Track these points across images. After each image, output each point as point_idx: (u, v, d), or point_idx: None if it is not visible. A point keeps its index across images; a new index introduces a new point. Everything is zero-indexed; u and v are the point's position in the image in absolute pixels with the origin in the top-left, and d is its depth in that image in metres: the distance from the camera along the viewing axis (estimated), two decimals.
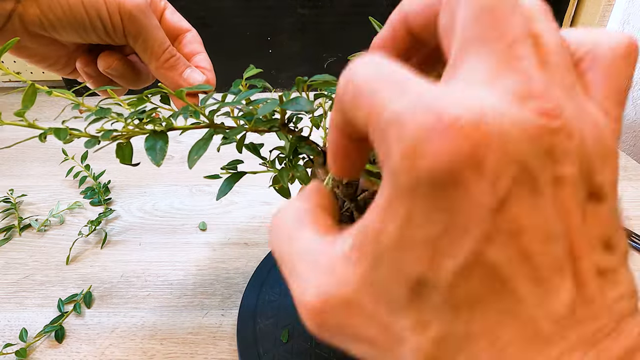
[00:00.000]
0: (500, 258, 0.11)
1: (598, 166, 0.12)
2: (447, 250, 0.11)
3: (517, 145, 0.11)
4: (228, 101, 0.24)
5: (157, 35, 0.32)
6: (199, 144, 0.23)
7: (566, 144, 0.11)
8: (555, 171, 0.11)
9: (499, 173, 0.11)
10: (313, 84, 0.23)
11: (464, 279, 0.11)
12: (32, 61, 0.33)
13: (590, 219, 0.12)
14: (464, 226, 0.11)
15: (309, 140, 0.26)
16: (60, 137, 0.22)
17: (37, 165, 0.66)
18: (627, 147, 0.91)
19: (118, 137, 0.24)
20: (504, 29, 0.12)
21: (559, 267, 0.11)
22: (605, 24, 0.80)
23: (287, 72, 0.91)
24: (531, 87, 0.11)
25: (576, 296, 0.11)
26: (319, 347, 0.36)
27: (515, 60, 0.12)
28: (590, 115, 0.13)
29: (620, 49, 0.14)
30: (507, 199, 0.11)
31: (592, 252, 0.12)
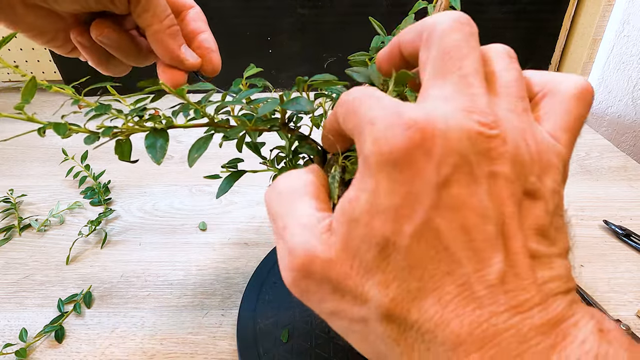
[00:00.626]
0: (442, 226, 0.14)
1: (535, 172, 0.15)
2: (406, 215, 0.14)
3: (459, 142, 0.14)
4: (228, 100, 0.24)
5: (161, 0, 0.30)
6: (199, 142, 0.23)
7: (500, 149, 0.15)
8: (491, 167, 0.14)
9: (442, 159, 0.14)
10: (313, 83, 0.23)
11: (418, 241, 0.14)
12: (29, 35, 0.31)
13: (525, 211, 0.15)
14: (417, 197, 0.14)
15: (309, 140, 0.26)
16: (60, 132, 0.22)
17: (37, 165, 0.66)
18: (627, 147, 0.91)
19: (118, 134, 0.24)
20: (459, 66, 0.16)
21: (491, 242, 0.14)
22: (605, 24, 0.80)
23: (287, 72, 0.91)
24: (476, 105, 0.15)
25: (507, 269, 0.14)
26: (319, 347, 0.36)
27: (467, 88, 0.15)
28: (534, 134, 0.16)
29: (574, 91, 0.18)
30: (449, 179, 0.14)
31: (525, 237, 0.15)
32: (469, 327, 0.14)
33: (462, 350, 0.14)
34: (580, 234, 0.51)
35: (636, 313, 0.41)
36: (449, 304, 0.14)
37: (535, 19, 0.84)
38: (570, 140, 0.17)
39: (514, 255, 0.14)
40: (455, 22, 0.17)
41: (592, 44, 0.83)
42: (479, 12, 0.83)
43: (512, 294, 0.14)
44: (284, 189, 0.19)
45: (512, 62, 0.18)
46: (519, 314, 0.14)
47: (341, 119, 0.18)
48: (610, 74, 0.83)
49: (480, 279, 0.14)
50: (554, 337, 0.14)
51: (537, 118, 0.18)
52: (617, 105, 0.86)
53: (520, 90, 0.17)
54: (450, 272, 0.14)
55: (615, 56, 0.81)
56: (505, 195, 0.14)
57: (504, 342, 0.13)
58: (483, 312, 0.14)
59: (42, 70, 0.91)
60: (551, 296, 0.14)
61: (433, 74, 0.16)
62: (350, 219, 0.16)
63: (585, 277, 0.45)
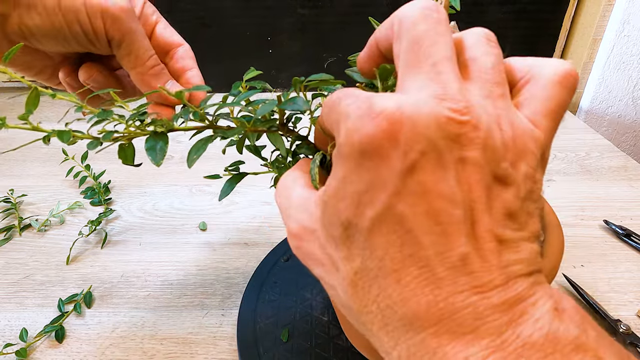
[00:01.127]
0: (406, 211, 0.15)
1: (508, 158, 0.15)
2: (368, 201, 0.15)
3: (427, 129, 0.14)
4: (228, 102, 0.24)
5: (143, 41, 0.30)
6: (198, 144, 0.23)
7: (471, 134, 0.15)
8: (461, 153, 0.15)
9: (409, 146, 0.14)
10: (310, 84, 0.23)
11: (379, 225, 0.15)
12: (15, 69, 0.31)
13: (495, 196, 0.15)
14: (381, 184, 0.15)
15: (307, 140, 0.26)
16: (64, 139, 0.23)
17: (37, 165, 0.66)
18: (627, 147, 0.91)
19: (119, 139, 0.24)
20: (428, 54, 0.16)
21: (457, 226, 0.15)
22: (605, 24, 0.80)
23: (287, 72, 0.91)
24: (447, 92, 0.15)
25: (470, 252, 0.14)
26: (319, 347, 0.36)
27: (437, 75, 0.16)
28: (511, 120, 0.16)
29: (557, 75, 0.17)
30: (415, 166, 0.14)
31: (492, 222, 0.15)
32: (427, 305, 0.14)
33: (418, 326, 0.15)
34: (581, 234, 0.51)
35: (636, 313, 0.41)
36: (409, 284, 0.15)
37: (535, 19, 0.84)
38: (551, 125, 0.17)
39: (479, 239, 0.15)
40: (422, 11, 0.17)
41: (592, 44, 0.83)
42: (479, 12, 0.83)
43: (474, 275, 0.14)
44: (280, 188, 0.22)
45: (490, 46, 0.18)
46: (478, 293, 0.14)
47: (325, 118, 0.19)
48: (610, 74, 0.83)
49: (443, 261, 0.14)
50: (510, 314, 0.14)
51: (518, 104, 0.18)
52: (617, 105, 0.86)
53: (497, 76, 0.17)
54: (413, 254, 0.15)
55: (615, 56, 0.81)
56: (473, 180, 0.15)
57: (460, 319, 0.14)
58: (442, 291, 0.14)
59: None
60: (514, 278, 0.15)
61: (405, 65, 0.17)
62: (323, 202, 0.17)
63: (585, 277, 0.45)
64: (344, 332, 0.37)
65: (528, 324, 0.14)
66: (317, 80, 0.24)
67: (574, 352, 0.14)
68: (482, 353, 0.14)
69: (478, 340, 0.14)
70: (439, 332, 0.14)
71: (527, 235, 0.16)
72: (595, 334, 0.14)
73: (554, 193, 0.59)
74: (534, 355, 0.14)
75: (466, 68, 0.17)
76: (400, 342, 0.15)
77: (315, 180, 0.21)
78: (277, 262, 0.45)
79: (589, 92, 0.86)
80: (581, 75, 0.86)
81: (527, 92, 0.18)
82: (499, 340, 0.14)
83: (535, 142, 0.16)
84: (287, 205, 0.21)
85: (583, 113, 0.88)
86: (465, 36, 0.19)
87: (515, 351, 0.14)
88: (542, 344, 0.14)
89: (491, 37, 0.19)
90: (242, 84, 0.25)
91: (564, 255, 0.28)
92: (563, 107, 0.17)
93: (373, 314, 0.16)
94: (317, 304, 0.41)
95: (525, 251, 0.16)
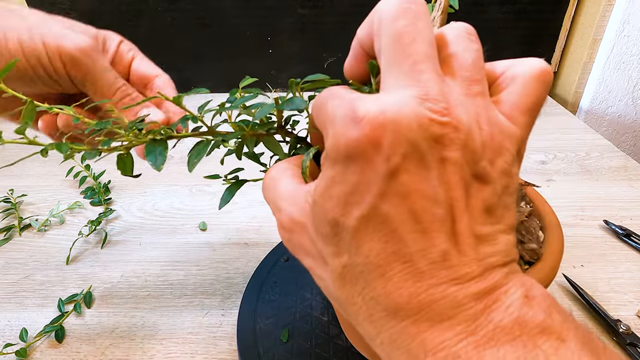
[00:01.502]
0: (390, 211, 0.15)
1: (487, 156, 0.16)
2: (354, 202, 0.16)
3: (409, 131, 0.15)
4: (226, 106, 0.25)
5: (105, 77, 0.30)
6: (198, 147, 0.24)
7: (452, 135, 0.15)
8: (442, 153, 0.15)
9: (392, 149, 0.15)
10: (305, 85, 0.24)
11: (365, 224, 0.16)
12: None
13: (474, 193, 0.16)
14: (367, 186, 0.16)
15: (306, 142, 0.26)
16: (62, 152, 0.23)
17: (37, 165, 0.66)
18: (627, 147, 0.91)
19: (118, 148, 0.25)
20: (408, 53, 0.16)
21: (439, 224, 0.15)
22: (605, 24, 0.80)
23: (287, 72, 0.91)
24: (428, 92, 0.15)
25: (450, 248, 0.15)
26: (319, 347, 0.36)
27: (419, 75, 0.16)
28: (489, 117, 0.17)
29: (533, 73, 0.18)
30: (398, 168, 0.15)
31: (471, 219, 0.16)
32: (408, 297, 0.15)
33: (400, 315, 0.16)
34: (581, 234, 0.51)
35: (636, 313, 0.41)
36: (392, 278, 0.16)
37: (535, 19, 0.84)
38: (528, 121, 0.18)
39: (458, 235, 0.16)
40: (400, 5, 0.17)
41: (592, 44, 0.83)
42: (479, 12, 0.83)
43: (453, 269, 0.15)
44: (266, 179, 0.22)
45: (471, 40, 0.18)
46: (456, 285, 0.15)
47: (315, 117, 0.20)
48: (610, 74, 0.83)
49: (424, 257, 0.15)
50: (485, 302, 0.15)
51: (497, 101, 0.18)
52: (617, 105, 0.86)
53: (477, 73, 0.17)
54: (396, 251, 0.16)
55: (615, 56, 0.81)
56: (454, 180, 0.15)
57: (439, 308, 0.15)
58: (422, 284, 0.15)
59: None
60: (490, 269, 0.16)
61: (387, 63, 0.17)
62: (313, 200, 0.18)
63: (585, 277, 0.45)
64: (343, 332, 0.37)
65: (500, 310, 0.15)
66: (313, 80, 0.24)
67: (539, 335, 0.15)
68: (457, 337, 0.15)
69: (454, 327, 0.15)
70: (419, 320, 0.15)
71: (504, 227, 0.17)
72: (560, 318, 0.15)
73: (554, 193, 0.59)
74: (503, 338, 0.15)
75: (447, 64, 0.18)
76: (383, 331, 0.16)
77: (305, 173, 0.21)
78: (277, 262, 0.45)
79: (589, 92, 0.86)
80: (581, 75, 0.86)
81: (505, 90, 0.18)
82: (473, 326, 0.15)
83: (511, 139, 0.17)
84: (275, 197, 0.21)
85: (583, 113, 0.88)
86: (446, 31, 0.19)
87: (487, 335, 0.15)
88: (511, 328, 0.15)
89: (471, 31, 0.19)
90: (239, 91, 0.25)
91: (564, 255, 0.28)
92: (539, 103, 0.18)
93: (358, 305, 0.17)
94: (317, 304, 0.41)
95: (501, 243, 0.17)
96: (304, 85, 0.23)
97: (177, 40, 0.86)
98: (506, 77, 0.19)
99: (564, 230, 0.30)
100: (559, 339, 0.15)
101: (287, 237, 0.20)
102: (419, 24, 0.17)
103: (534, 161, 0.67)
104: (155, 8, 0.82)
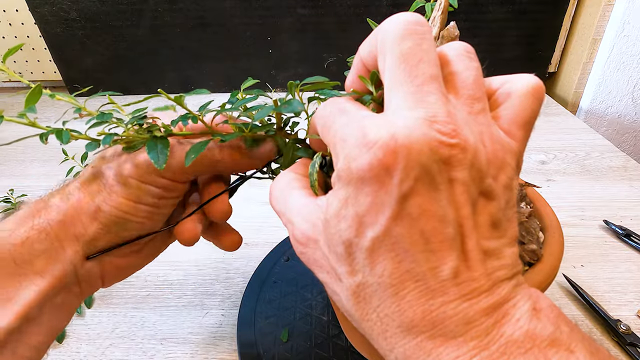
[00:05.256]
0: (403, 232, 0.16)
1: (491, 173, 0.17)
2: (368, 223, 0.16)
3: (420, 154, 0.15)
4: (227, 107, 0.25)
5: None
6: (197, 145, 0.24)
7: (460, 156, 0.16)
8: (450, 174, 0.16)
9: (404, 173, 0.15)
10: (305, 88, 0.24)
11: (378, 245, 0.16)
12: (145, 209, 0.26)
13: (480, 209, 0.17)
14: (380, 208, 0.16)
15: (305, 143, 0.26)
16: (62, 139, 0.22)
17: (37, 165, 0.66)
18: (627, 147, 0.91)
19: (118, 142, 0.25)
20: (414, 74, 0.17)
21: (448, 242, 0.16)
22: (605, 24, 0.80)
23: (287, 72, 0.91)
24: (436, 114, 0.16)
25: (460, 265, 0.16)
26: (319, 347, 0.36)
27: (426, 96, 0.16)
28: (491, 134, 0.17)
29: (528, 88, 0.19)
30: (411, 191, 0.15)
31: (478, 235, 0.16)
32: (422, 314, 0.16)
33: (414, 332, 0.16)
34: (581, 234, 0.51)
35: (636, 313, 0.41)
36: (406, 296, 0.16)
37: (535, 19, 0.84)
38: (524, 135, 0.19)
39: (467, 252, 0.16)
40: (406, 27, 0.17)
41: (592, 44, 0.83)
42: (479, 12, 0.83)
43: (463, 285, 0.16)
44: (275, 190, 0.22)
45: (471, 60, 0.19)
46: (467, 300, 0.16)
47: (319, 131, 0.20)
48: (610, 74, 0.83)
49: (436, 275, 0.16)
50: (495, 316, 0.16)
51: (494, 116, 0.19)
52: (617, 105, 0.86)
53: (478, 91, 0.18)
54: (409, 270, 0.16)
55: (615, 56, 0.81)
56: (462, 199, 0.16)
57: (452, 324, 0.16)
58: (435, 301, 0.16)
59: (42, 70, 0.91)
60: (498, 282, 0.16)
61: (392, 82, 0.17)
62: (325, 219, 0.18)
63: (585, 277, 0.45)
64: (343, 332, 0.37)
65: (510, 324, 0.16)
66: (312, 83, 0.24)
67: (549, 347, 0.15)
68: (471, 353, 0.15)
69: (467, 342, 0.16)
70: (433, 336, 0.16)
71: (508, 240, 0.17)
72: (568, 329, 0.16)
73: (554, 193, 0.59)
74: (515, 352, 0.15)
75: (449, 82, 0.18)
76: (397, 347, 0.17)
77: (314, 186, 0.21)
78: (277, 262, 0.45)
79: (589, 92, 0.86)
80: (581, 75, 0.86)
81: (501, 105, 0.19)
82: (485, 340, 0.16)
83: (511, 154, 0.18)
84: (285, 209, 0.21)
85: (583, 113, 0.88)
86: (446, 50, 0.19)
87: (499, 350, 0.15)
88: (522, 341, 0.15)
89: (471, 50, 0.19)
90: (240, 92, 0.25)
91: (564, 255, 0.28)
92: (534, 117, 0.19)
93: (373, 322, 0.17)
94: (317, 304, 0.41)
95: (507, 257, 0.17)
96: (304, 87, 0.24)
97: (177, 40, 0.86)
98: (501, 92, 0.19)
99: (564, 231, 0.30)
100: (567, 351, 0.15)
101: (300, 251, 0.20)
102: (424, 45, 0.17)
103: (534, 161, 0.67)
104: (155, 8, 0.82)
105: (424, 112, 0.16)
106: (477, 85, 0.18)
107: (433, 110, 0.16)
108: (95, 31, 0.84)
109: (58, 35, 0.84)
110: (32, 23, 0.84)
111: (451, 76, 0.18)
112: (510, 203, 0.18)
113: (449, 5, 0.27)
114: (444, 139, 0.16)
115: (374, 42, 0.19)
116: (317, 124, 0.20)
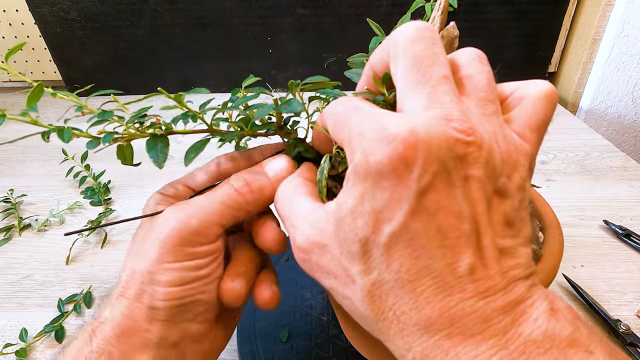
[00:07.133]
0: (420, 228, 0.16)
1: (505, 172, 0.17)
2: (385, 219, 0.16)
3: (438, 150, 0.15)
4: (227, 106, 0.25)
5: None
6: (197, 144, 0.24)
7: (476, 154, 0.16)
8: (466, 171, 0.16)
9: (423, 169, 0.15)
10: (305, 87, 0.24)
11: (395, 241, 0.16)
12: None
13: (495, 208, 0.17)
14: (398, 203, 0.16)
15: (304, 143, 0.26)
16: (63, 137, 0.23)
17: (37, 165, 0.66)
18: (627, 147, 0.91)
19: (119, 140, 0.25)
20: (428, 76, 0.17)
21: (465, 239, 0.16)
22: (605, 24, 0.80)
23: (287, 72, 0.91)
24: (452, 113, 0.16)
25: (476, 261, 0.16)
26: (319, 347, 0.36)
27: (441, 96, 0.17)
28: (504, 135, 0.17)
29: (541, 93, 0.19)
30: (428, 188, 0.16)
31: (494, 233, 0.16)
32: (440, 311, 0.16)
33: (432, 329, 0.16)
34: (581, 234, 0.51)
35: (636, 313, 0.41)
36: (423, 293, 0.16)
37: (535, 19, 0.84)
38: (537, 138, 0.19)
39: (483, 249, 0.16)
40: (417, 31, 0.18)
41: (592, 44, 0.83)
42: (479, 12, 0.83)
43: (479, 282, 0.16)
44: (281, 195, 0.22)
45: (482, 65, 0.19)
46: (484, 298, 0.16)
47: (330, 129, 0.20)
48: (610, 74, 0.83)
49: (453, 271, 0.16)
50: (512, 315, 0.16)
51: (507, 119, 0.19)
52: (617, 105, 0.86)
53: (491, 94, 0.18)
54: (427, 267, 0.16)
55: (615, 56, 0.81)
56: (477, 196, 0.16)
57: (470, 322, 0.16)
58: (452, 298, 0.16)
59: (42, 70, 0.91)
60: (513, 281, 0.16)
61: (406, 85, 0.18)
62: (338, 218, 0.18)
63: (585, 277, 0.45)
64: (343, 332, 0.37)
65: (528, 323, 0.16)
66: (313, 82, 0.24)
67: (568, 347, 0.15)
68: (490, 351, 0.15)
69: (485, 340, 0.15)
70: (452, 334, 0.16)
71: (522, 240, 0.17)
72: (587, 331, 0.16)
73: (554, 193, 0.59)
74: (534, 352, 0.15)
75: (462, 85, 0.19)
76: (415, 345, 0.17)
77: (322, 193, 0.21)
78: (277, 262, 0.45)
79: (589, 92, 0.86)
80: (581, 75, 0.86)
81: (516, 108, 0.19)
82: (503, 339, 0.15)
83: (524, 156, 0.18)
84: (290, 215, 0.21)
85: (583, 113, 0.88)
86: (458, 55, 0.20)
87: (518, 349, 0.15)
88: (542, 341, 0.15)
89: (482, 55, 0.20)
90: (242, 90, 0.25)
91: (564, 255, 0.28)
92: (547, 122, 0.19)
93: (389, 320, 0.17)
94: (317, 304, 0.41)
95: (522, 256, 0.17)
96: (304, 86, 0.24)
97: (177, 40, 0.86)
98: (514, 97, 0.20)
99: (564, 231, 0.30)
100: (587, 352, 0.15)
101: (303, 258, 0.20)
102: (435, 48, 0.18)
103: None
104: (155, 8, 0.82)
105: (440, 111, 0.16)
106: (489, 88, 0.18)
107: (449, 109, 0.16)
108: (95, 31, 0.84)
109: (58, 35, 0.84)
110: (32, 23, 0.84)
111: (464, 80, 0.19)
112: (524, 204, 0.18)
113: (448, 5, 0.27)
114: (461, 137, 0.16)
115: (385, 49, 0.19)
116: (328, 120, 0.20)
